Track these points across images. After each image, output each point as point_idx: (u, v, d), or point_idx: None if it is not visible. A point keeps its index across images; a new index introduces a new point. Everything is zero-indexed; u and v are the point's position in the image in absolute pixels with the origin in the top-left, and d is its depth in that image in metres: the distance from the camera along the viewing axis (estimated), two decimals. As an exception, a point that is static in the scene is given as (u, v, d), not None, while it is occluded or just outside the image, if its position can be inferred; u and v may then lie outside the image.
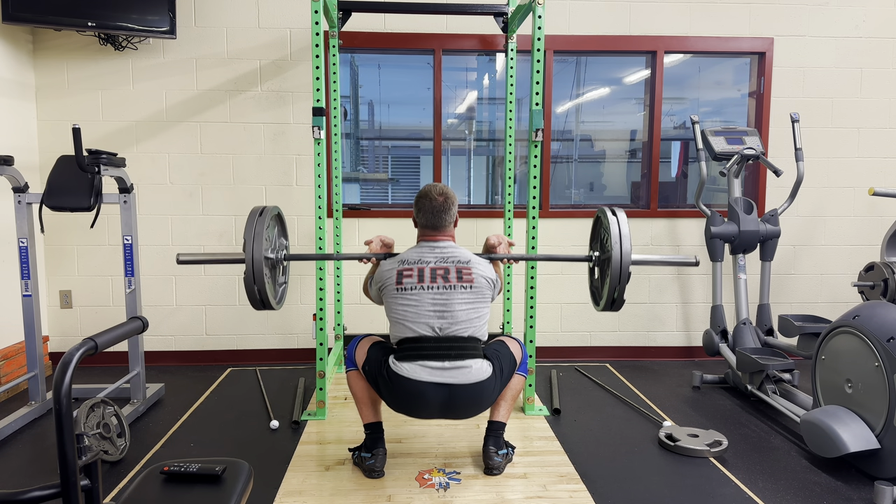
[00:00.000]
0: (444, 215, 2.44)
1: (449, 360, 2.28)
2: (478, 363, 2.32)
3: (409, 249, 2.47)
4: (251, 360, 4.05)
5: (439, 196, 2.44)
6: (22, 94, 3.68)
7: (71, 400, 1.04)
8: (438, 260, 2.40)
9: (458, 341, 2.33)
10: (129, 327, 1.25)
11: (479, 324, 2.40)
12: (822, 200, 4.18)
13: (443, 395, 2.28)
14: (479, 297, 2.38)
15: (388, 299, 2.40)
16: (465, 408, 2.34)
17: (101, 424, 2.51)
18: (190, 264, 2.44)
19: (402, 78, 4.27)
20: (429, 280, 2.35)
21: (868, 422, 2.44)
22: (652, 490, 2.38)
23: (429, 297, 2.34)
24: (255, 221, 2.32)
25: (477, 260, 2.44)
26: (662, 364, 4.11)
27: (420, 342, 2.32)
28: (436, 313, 2.33)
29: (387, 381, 2.32)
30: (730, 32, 4.04)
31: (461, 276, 2.36)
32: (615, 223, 2.34)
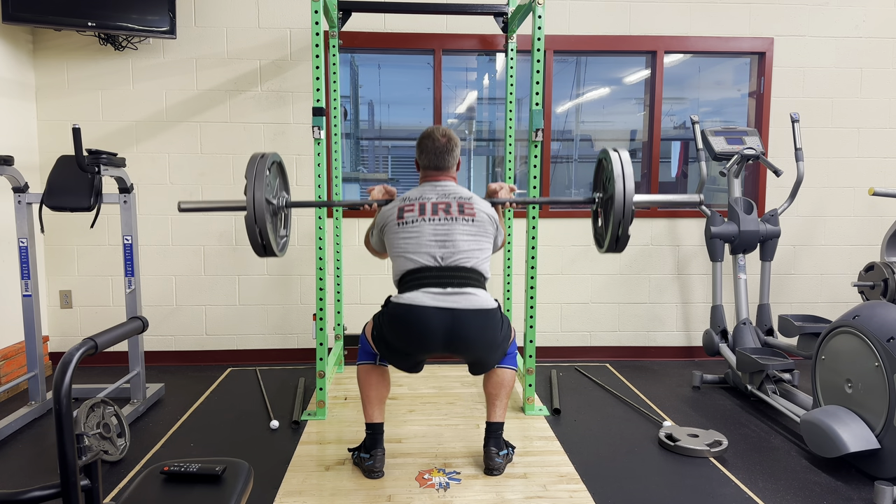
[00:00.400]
0: (447, 156, 2.43)
1: (452, 287, 2.26)
2: (482, 293, 2.31)
3: (411, 190, 2.47)
4: (251, 360, 4.05)
5: (442, 137, 2.43)
6: (22, 94, 3.68)
7: (71, 400, 1.04)
8: (440, 196, 2.39)
9: (461, 271, 2.31)
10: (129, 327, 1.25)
11: (482, 257, 2.37)
12: (822, 200, 4.18)
13: (446, 321, 2.23)
14: (480, 230, 2.37)
15: (390, 236, 2.39)
16: (469, 338, 2.27)
17: (101, 424, 2.52)
18: (192, 212, 2.46)
19: (402, 78, 4.27)
20: (430, 213, 2.35)
21: (868, 422, 2.44)
22: (652, 490, 2.38)
23: (430, 228, 2.33)
24: (255, 164, 2.29)
25: (478, 198, 2.44)
26: (662, 364, 4.11)
27: (422, 272, 2.30)
28: (437, 243, 2.32)
29: (389, 318, 2.31)
30: (730, 32, 4.04)
31: (463, 210, 2.36)
32: (618, 162, 2.32)
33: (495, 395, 2.49)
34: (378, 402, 2.47)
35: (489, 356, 2.40)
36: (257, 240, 2.30)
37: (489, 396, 2.51)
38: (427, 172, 2.49)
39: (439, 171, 2.47)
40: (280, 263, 4.01)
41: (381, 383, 2.49)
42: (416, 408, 3.19)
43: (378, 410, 2.47)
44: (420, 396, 3.36)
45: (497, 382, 2.49)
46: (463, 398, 3.32)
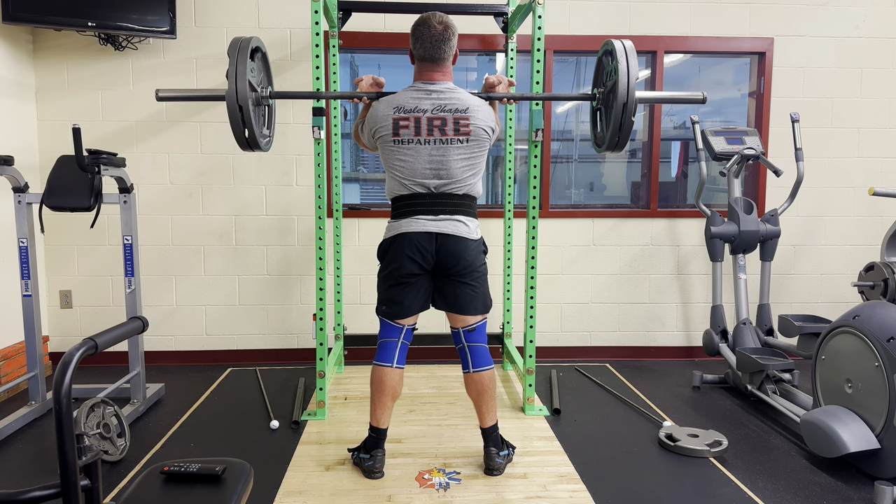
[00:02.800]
0: (443, 45, 2.35)
1: (443, 215, 2.36)
2: (471, 222, 2.41)
3: (404, 90, 2.40)
4: (251, 360, 4.05)
5: (439, 24, 2.34)
6: (22, 94, 3.68)
7: (71, 400, 1.04)
8: (435, 108, 2.34)
9: (453, 198, 2.38)
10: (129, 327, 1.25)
11: (474, 180, 2.43)
12: (822, 200, 4.18)
13: (434, 241, 2.36)
14: (475, 150, 2.40)
15: (385, 150, 2.40)
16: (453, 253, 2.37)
17: (101, 424, 2.52)
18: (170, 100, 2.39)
19: (402, 78, 4.26)
20: (425, 132, 2.34)
21: (868, 422, 2.44)
22: (652, 490, 2.38)
23: (425, 152, 2.34)
24: (238, 46, 2.22)
25: (475, 105, 2.38)
26: (662, 364, 4.11)
27: (415, 198, 2.37)
28: (431, 171, 2.36)
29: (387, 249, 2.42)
30: (730, 32, 4.04)
31: (458, 129, 2.35)
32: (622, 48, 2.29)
33: (479, 400, 2.47)
34: (388, 405, 2.45)
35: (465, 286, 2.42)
36: (240, 127, 2.23)
37: (475, 403, 2.50)
38: (422, 65, 2.40)
39: (434, 63, 2.37)
40: (280, 263, 4.01)
41: (395, 387, 2.45)
42: (416, 408, 3.19)
43: (386, 415, 2.45)
44: (420, 396, 3.36)
45: (478, 388, 2.47)
46: (463, 398, 3.32)
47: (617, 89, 2.25)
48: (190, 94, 2.35)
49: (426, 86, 2.38)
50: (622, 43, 2.33)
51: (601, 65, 2.48)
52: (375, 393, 2.45)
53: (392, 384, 2.44)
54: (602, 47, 2.44)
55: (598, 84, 2.51)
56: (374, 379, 2.45)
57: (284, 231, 3.98)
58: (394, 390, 2.45)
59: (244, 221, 3.96)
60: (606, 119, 2.41)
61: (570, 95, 2.42)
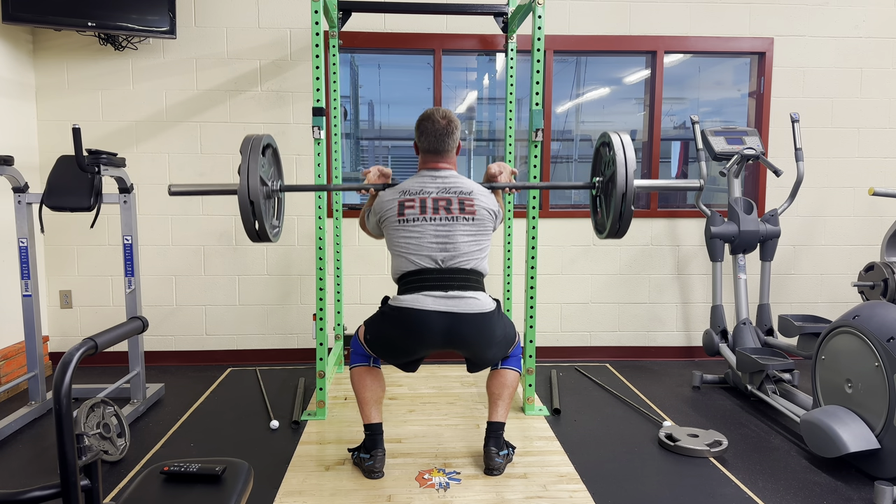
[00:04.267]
0: (447, 139, 2.40)
1: (453, 290, 2.29)
2: (482, 296, 2.33)
3: (410, 179, 2.44)
4: (251, 360, 4.05)
5: (442, 119, 2.40)
6: (22, 94, 3.68)
7: (71, 400, 1.04)
8: (440, 190, 2.37)
9: (461, 273, 2.32)
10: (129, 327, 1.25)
11: (481, 256, 2.40)
12: (822, 200, 4.18)
13: (446, 324, 2.27)
14: (481, 228, 2.38)
15: (390, 231, 2.39)
16: (468, 336, 2.31)
17: (101, 424, 2.52)
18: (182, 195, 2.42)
19: (402, 78, 4.27)
20: (431, 211, 2.33)
21: (868, 422, 2.44)
22: (652, 490, 2.38)
23: (431, 229, 2.33)
24: (250, 144, 2.27)
25: (479, 190, 2.42)
26: (662, 364, 4.11)
27: (422, 273, 2.31)
28: (438, 245, 2.33)
29: (389, 319, 2.33)
30: (730, 32, 4.04)
31: (463, 208, 2.35)
32: (619, 143, 2.31)
33: (498, 395, 2.50)
34: (374, 402, 2.48)
35: (487, 353, 2.41)
36: (251, 220, 2.26)
37: (492, 396, 2.52)
38: (426, 157, 2.46)
39: (439, 154, 2.43)
40: (280, 263, 4.01)
41: (376, 384, 2.50)
42: (416, 408, 3.19)
43: (375, 411, 2.48)
44: (420, 396, 3.36)
45: (501, 383, 2.50)
46: (463, 398, 3.32)
47: (616, 180, 2.28)
48: (202, 188, 2.42)
49: (431, 173, 2.43)
50: (619, 136, 2.35)
51: (599, 154, 2.51)
52: (357, 392, 2.50)
53: (371, 381, 2.48)
54: (599, 139, 2.49)
55: (597, 173, 2.55)
56: (354, 379, 2.51)
57: (284, 231, 3.98)
58: (374, 386, 2.48)
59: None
60: (606, 207, 2.45)
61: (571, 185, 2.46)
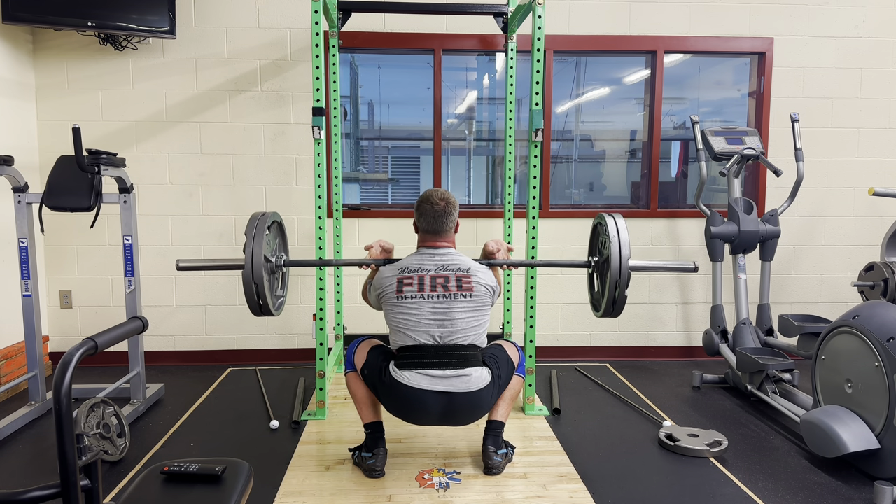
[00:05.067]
0: (445, 220, 2.44)
1: (450, 369, 2.30)
2: (478, 371, 2.34)
3: (409, 256, 2.47)
4: (251, 360, 4.05)
5: (441, 201, 2.44)
6: (22, 94, 3.68)
7: (71, 400, 1.04)
8: (438, 268, 2.40)
9: (459, 349, 2.34)
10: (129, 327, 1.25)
11: (479, 332, 2.42)
12: (822, 200, 4.18)
13: (442, 403, 2.30)
14: (478, 305, 2.40)
15: (388, 307, 2.41)
16: (463, 414, 2.36)
17: (101, 424, 2.51)
18: (190, 270, 2.47)
19: (402, 78, 4.27)
20: (429, 289, 2.36)
21: (868, 422, 2.44)
22: (652, 490, 2.38)
23: (429, 306, 2.35)
24: (255, 223, 2.33)
25: (477, 267, 2.44)
26: (662, 364, 4.11)
27: (420, 350, 2.33)
28: (436, 322, 2.35)
29: (387, 387, 2.33)
30: (730, 32, 4.04)
31: (461, 285, 2.37)
32: (613, 227, 2.36)
33: (500, 396, 2.49)
34: (371, 403, 2.49)
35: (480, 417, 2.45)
36: (254, 298, 2.31)
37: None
38: (425, 237, 2.49)
39: (437, 235, 2.47)
40: (280, 263, 4.00)
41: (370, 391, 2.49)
42: (416, 408, 3.18)
43: (373, 411, 2.48)
44: (420, 396, 3.36)
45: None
46: (463, 398, 3.32)
47: (610, 263, 2.32)
48: (209, 264, 2.47)
49: (430, 251, 2.46)
50: (614, 219, 2.38)
51: (596, 232, 2.54)
52: (353, 395, 2.51)
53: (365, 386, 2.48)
54: (595, 219, 2.52)
55: (594, 251, 2.58)
56: (349, 383, 2.52)
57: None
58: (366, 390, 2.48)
59: (244, 221, 3.95)
60: (601, 285, 2.49)
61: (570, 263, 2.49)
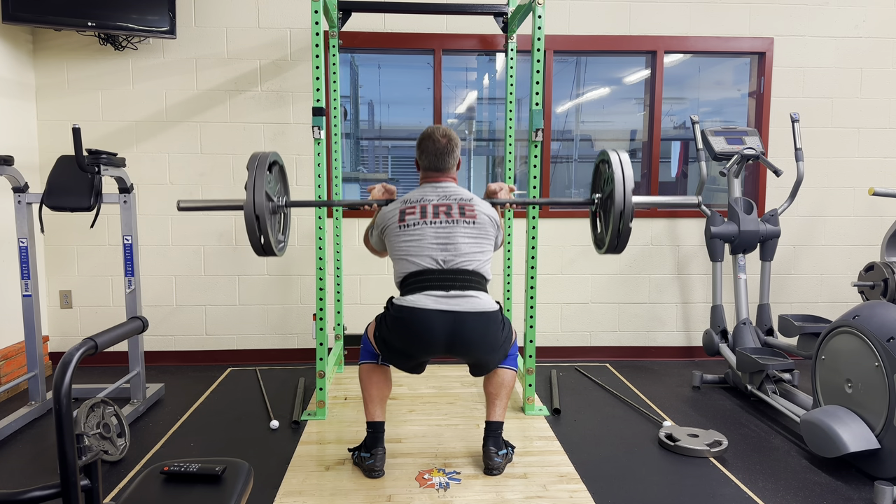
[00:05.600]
0: (447, 157, 2.44)
1: (455, 290, 2.28)
2: (484, 295, 2.33)
3: (412, 191, 2.48)
4: (251, 360, 4.05)
5: (442, 138, 2.43)
6: (22, 94, 3.68)
7: (71, 400, 1.04)
8: (441, 197, 2.40)
9: (463, 273, 2.32)
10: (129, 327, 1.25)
11: (483, 259, 2.38)
12: (822, 200, 4.18)
13: (448, 323, 2.25)
14: (481, 233, 2.38)
15: (391, 238, 2.40)
16: (471, 338, 2.29)
17: (101, 424, 2.52)
18: (191, 210, 2.45)
19: (402, 78, 4.26)
20: (431, 216, 2.35)
21: (868, 422, 2.44)
22: (652, 490, 2.38)
23: (431, 231, 2.34)
24: (257, 161, 2.29)
25: (479, 199, 2.45)
26: (662, 364, 4.11)
27: (424, 274, 2.31)
28: (439, 245, 2.33)
29: (392, 320, 2.32)
30: (730, 32, 4.04)
31: (464, 212, 2.37)
32: (617, 161, 2.32)
33: (495, 394, 2.49)
34: (380, 401, 2.48)
35: (490, 357, 2.41)
36: (256, 236, 2.28)
37: (489, 396, 2.51)
38: (427, 174, 2.50)
39: (439, 172, 2.48)
40: (280, 263, 4.01)
41: (383, 382, 2.50)
42: (416, 408, 3.19)
43: (380, 409, 2.48)
44: (420, 396, 3.36)
45: (497, 382, 2.50)
46: (463, 398, 3.32)
47: (614, 197, 2.30)
48: (210, 204, 2.45)
49: (432, 185, 2.46)
50: (617, 154, 2.36)
51: (598, 171, 2.52)
52: (364, 388, 2.50)
53: (379, 378, 2.49)
54: (598, 157, 2.50)
55: (597, 189, 2.56)
56: (362, 375, 2.51)
57: (284, 231, 3.98)
58: (381, 384, 2.49)
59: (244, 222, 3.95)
60: (605, 223, 2.47)
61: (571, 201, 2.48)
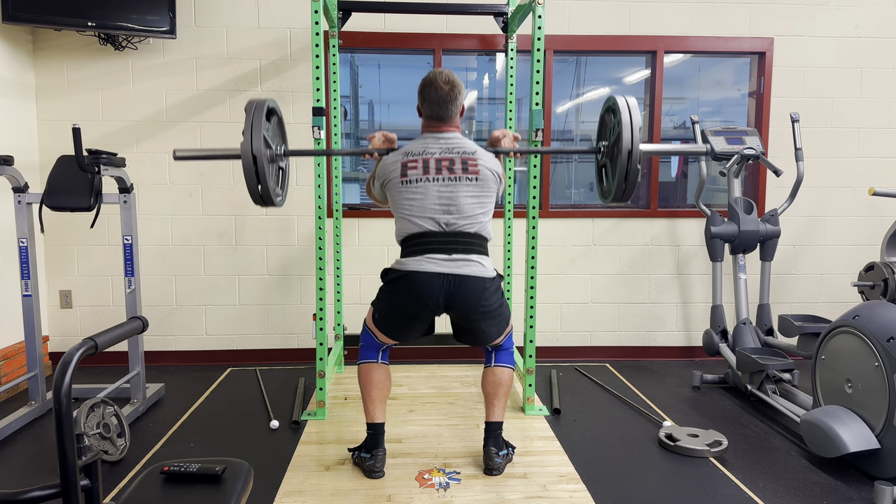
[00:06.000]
0: (450, 105, 2.37)
1: (456, 254, 2.29)
2: (485, 261, 2.34)
3: (413, 141, 2.43)
4: (251, 360, 4.05)
5: (445, 84, 2.36)
6: (22, 94, 3.68)
7: (71, 400, 1.04)
8: (443, 150, 2.36)
9: (465, 237, 2.32)
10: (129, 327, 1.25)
11: (485, 220, 2.39)
12: (822, 200, 4.18)
13: (447, 284, 2.27)
14: (484, 190, 2.36)
15: (393, 193, 2.37)
16: (466, 301, 2.31)
17: (101, 424, 2.52)
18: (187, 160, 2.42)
19: (402, 78, 4.26)
20: (434, 171, 2.32)
21: (868, 422, 2.44)
22: (652, 490, 2.38)
23: (434, 189, 2.31)
24: (254, 106, 2.25)
25: (483, 151, 2.41)
26: (662, 364, 4.11)
27: (426, 237, 2.31)
28: (441, 207, 2.32)
29: (392, 285, 2.34)
30: (730, 32, 4.04)
31: (466, 168, 2.34)
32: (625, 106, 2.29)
33: (493, 394, 2.49)
34: (380, 401, 2.48)
35: (482, 324, 2.40)
36: (255, 183, 2.23)
37: (487, 396, 2.51)
38: (429, 122, 2.42)
39: (442, 121, 2.40)
40: (280, 263, 4.01)
41: (383, 382, 2.49)
42: (416, 408, 3.19)
43: (380, 410, 2.47)
44: (420, 396, 3.36)
45: (495, 382, 2.50)
46: (463, 398, 3.32)
47: (621, 140, 2.27)
48: (206, 153, 2.40)
49: (434, 135, 2.41)
50: (624, 98, 2.35)
51: (604, 122, 2.50)
52: (364, 389, 2.49)
53: (379, 378, 2.48)
54: (605, 104, 2.47)
55: (603, 138, 2.53)
56: (361, 376, 2.50)
57: (284, 231, 3.98)
58: (381, 384, 2.48)
59: (244, 221, 3.96)
60: (612, 171, 2.43)
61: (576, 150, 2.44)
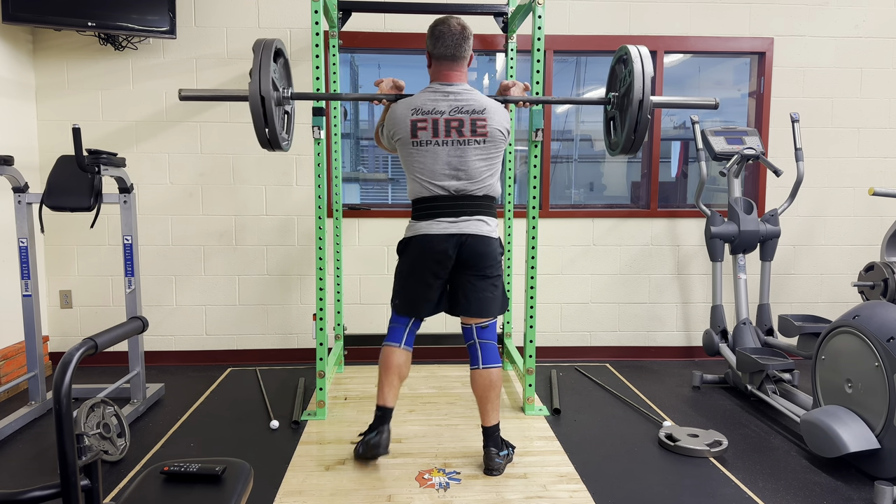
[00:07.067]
0: (463, 44, 2.41)
1: (465, 216, 2.40)
2: (491, 221, 2.45)
3: (422, 92, 2.46)
4: (251, 360, 4.05)
5: (458, 25, 2.41)
6: (22, 94, 3.68)
7: (71, 400, 1.03)
8: (453, 110, 2.39)
9: (473, 200, 2.42)
10: (129, 327, 1.25)
11: (493, 180, 2.47)
12: (822, 200, 4.18)
13: (455, 240, 2.40)
14: (492, 151, 2.43)
15: (403, 152, 2.45)
16: (471, 254, 2.41)
17: (101, 424, 2.52)
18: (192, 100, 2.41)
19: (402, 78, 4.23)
20: (443, 134, 2.37)
21: (868, 422, 2.44)
22: (652, 490, 2.38)
23: (444, 154, 2.38)
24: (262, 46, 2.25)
25: (492, 107, 2.42)
26: (662, 364, 4.11)
27: (436, 201, 2.41)
28: (450, 173, 2.40)
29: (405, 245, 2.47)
30: (730, 32, 4.04)
31: (475, 129, 2.38)
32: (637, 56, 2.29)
33: (485, 397, 2.50)
34: (392, 385, 2.52)
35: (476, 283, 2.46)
36: (262, 125, 2.23)
37: (480, 400, 2.52)
38: (441, 64, 2.43)
39: (454, 61, 2.42)
40: (280, 263, 4.01)
41: (401, 367, 2.54)
42: (416, 408, 3.19)
43: (391, 394, 2.52)
44: (420, 396, 3.36)
45: (485, 385, 2.50)
46: (463, 398, 3.32)
47: (632, 90, 2.26)
48: (213, 93, 2.38)
49: (443, 87, 2.43)
50: (636, 48, 2.36)
51: (615, 73, 2.50)
52: (383, 371, 2.54)
53: (398, 363, 2.53)
54: (616, 54, 2.46)
55: (613, 88, 2.53)
56: (382, 358, 2.56)
57: (284, 231, 3.98)
58: (399, 369, 2.53)
59: (244, 221, 3.96)
60: (621, 122, 2.42)
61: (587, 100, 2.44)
